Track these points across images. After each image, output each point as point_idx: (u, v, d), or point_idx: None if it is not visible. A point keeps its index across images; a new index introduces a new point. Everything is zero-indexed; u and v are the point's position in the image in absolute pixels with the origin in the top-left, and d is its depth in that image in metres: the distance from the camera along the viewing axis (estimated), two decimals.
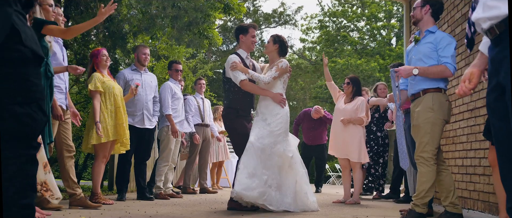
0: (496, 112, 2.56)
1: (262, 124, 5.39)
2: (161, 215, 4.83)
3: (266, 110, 5.47)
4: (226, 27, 31.05)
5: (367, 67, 25.92)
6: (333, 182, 19.19)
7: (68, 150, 5.41)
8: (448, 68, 4.38)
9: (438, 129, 4.43)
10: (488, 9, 2.55)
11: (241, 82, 5.40)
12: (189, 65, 15.58)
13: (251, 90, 5.50)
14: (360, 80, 7.52)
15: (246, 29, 5.75)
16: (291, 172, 5.43)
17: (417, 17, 4.71)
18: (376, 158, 8.51)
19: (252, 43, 5.78)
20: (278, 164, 5.30)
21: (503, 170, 2.63)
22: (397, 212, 5.41)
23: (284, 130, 5.42)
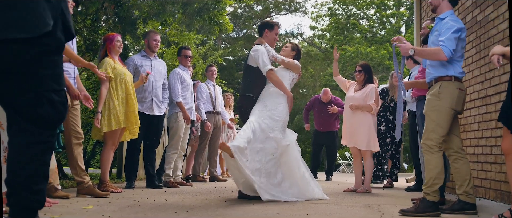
0: None
1: (262, 108, 5.54)
2: (170, 203, 4.80)
3: (269, 98, 5.62)
4: (236, 14, 30.96)
5: (377, 55, 25.84)
6: (343, 170, 19.16)
7: (77, 137, 5.32)
8: (443, 50, 4.25)
9: (445, 117, 4.34)
10: None
11: (268, 71, 5.60)
12: (199, 52, 15.53)
13: (274, 81, 5.64)
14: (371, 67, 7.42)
15: (272, 25, 6.02)
16: (285, 162, 5.44)
17: (434, 4, 4.60)
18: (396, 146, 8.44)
19: (275, 40, 6.01)
20: (272, 151, 5.33)
21: None
22: (409, 201, 5.36)
23: (283, 120, 5.53)
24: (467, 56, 6.49)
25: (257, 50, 5.71)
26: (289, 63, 5.81)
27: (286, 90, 5.66)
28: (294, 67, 5.83)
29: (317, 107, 10.61)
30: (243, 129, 5.37)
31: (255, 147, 5.24)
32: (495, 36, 5.68)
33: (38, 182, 2.66)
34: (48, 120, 2.63)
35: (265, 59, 5.64)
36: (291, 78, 5.80)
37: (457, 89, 4.37)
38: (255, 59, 5.68)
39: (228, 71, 27.93)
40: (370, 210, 4.54)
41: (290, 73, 5.80)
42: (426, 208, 4.26)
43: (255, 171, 5.16)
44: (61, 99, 2.68)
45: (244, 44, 31.11)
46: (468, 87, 6.42)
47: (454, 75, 4.39)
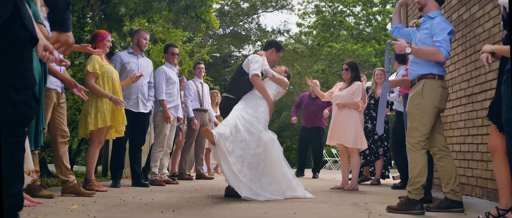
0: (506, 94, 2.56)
1: (245, 106, 5.65)
2: (156, 202, 4.76)
3: (251, 99, 5.74)
4: (223, 11, 30.89)
5: (363, 52, 25.97)
6: (329, 167, 19.19)
7: (63, 135, 5.25)
8: (441, 51, 4.28)
9: (427, 116, 4.35)
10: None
11: (254, 75, 5.71)
12: (185, 49, 15.45)
13: (258, 85, 5.75)
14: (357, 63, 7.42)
15: (280, 48, 6.20)
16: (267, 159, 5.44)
17: (421, 3, 4.63)
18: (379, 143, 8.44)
19: (274, 61, 6.17)
20: (254, 145, 5.35)
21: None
22: (396, 199, 5.36)
23: (265, 119, 5.63)
24: (453, 55, 6.51)
25: (253, 57, 5.90)
26: (279, 79, 5.96)
27: (268, 95, 5.76)
28: (282, 83, 5.99)
29: (305, 102, 10.65)
30: (227, 119, 5.44)
31: (239, 137, 5.28)
32: (481, 35, 5.70)
33: (13, 184, 2.60)
34: (10, 122, 2.52)
35: (257, 67, 5.78)
36: (277, 91, 5.95)
37: (440, 87, 4.39)
38: (249, 63, 5.82)
39: (214, 69, 27.86)
40: (357, 209, 4.53)
41: (276, 86, 5.95)
42: (410, 205, 4.29)
43: (237, 159, 5.18)
44: (23, 99, 2.58)
45: (230, 41, 31.07)
46: (454, 85, 6.45)
47: (437, 74, 4.40)
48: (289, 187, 5.53)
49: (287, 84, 6.05)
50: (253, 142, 5.36)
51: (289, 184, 5.55)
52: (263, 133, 5.47)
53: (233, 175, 5.12)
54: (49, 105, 5.04)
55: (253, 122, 5.45)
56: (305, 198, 5.44)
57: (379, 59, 25.64)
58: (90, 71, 5.85)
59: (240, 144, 5.27)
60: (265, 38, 33.10)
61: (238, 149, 5.24)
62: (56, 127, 5.21)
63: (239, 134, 5.28)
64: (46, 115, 5.01)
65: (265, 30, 34.37)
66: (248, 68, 5.82)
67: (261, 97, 5.74)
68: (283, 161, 5.64)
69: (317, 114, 10.34)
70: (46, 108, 4.96)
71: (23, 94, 2.58)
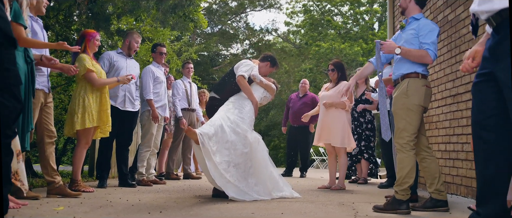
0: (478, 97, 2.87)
1: (230, 106, 5.70)
2: (144, 203, 4.75)
3: (235, 101, 5.77)
4: (211, 9, 30.83)
5: (351, 52, 26.10)
6: (317, 165, 19.24)
7: (49, 136, 5.21)
8: (429, 54, 4.34)
9: (414, 115, 4.39)
10: (483, 3, 2.77)
11: (239, 76, 5.83)
12: (173, 48, 15.41)
13: (243, 86, 5.84)
14: (344, 64, 7.44)
15: (276, 64, 6.28)
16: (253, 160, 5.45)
17: (403, 6, 4.69)
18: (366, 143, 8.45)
19: (265, 75, 6.20)
20: (240, 146, 5.36)
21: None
22: (383, 198, 5.40)
23: (250, 118, 5.68)
24: (439, 55, 6.56)
25: (245, 61, 6.06)
26: (267, 85, 6.01)
27: (252, 96, 5.82)
28: (270, 89, 6.04)
29: (293, 101, 10.70)
30: (212, 119, 5.45)
31: (224, 137, 5.28)
32: (465, 35, 5.76)
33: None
34: None
35: (245, 70, 5.90)
36: (264, 95, 6.01)
37: (424, 86, 4.43)
38: (239, 66, 5.95)
39: (202, 67, 27.78)
40: (344, 208, 4.56)
41: (264, 90, 6.00)
42: (396, 205, 4.32)
43: (223, 162, 5.17)
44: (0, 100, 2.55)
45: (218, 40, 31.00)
46: (440, 85, 6.50)
47: (421, 73, 4.44)
48: (276, 187, 5.55)
49: (274, 90, 6.09)
50: (240, 142, 5.37)
51: (275, 184, 5.57)
52: (249, 133, 5.49)
53: (219, 175, 5.11)
54: (36, 106, 4.99)
55: (238, 122, 5.47)
56: (292, 198, 5.46)
57: (367, 58, 25.77)
58: (91, 69, 5.84)
59: (225, 144, 5.27)
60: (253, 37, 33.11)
61: (224, 149, 5.24)
62: (43, 127, 5.16)
63: (225, 134, 5.29)
64: (34, 115, 4.96)
65: (253, 29, 34.36)
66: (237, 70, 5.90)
67: (246, 98, 5.79)
68: (268, 161, 5.66)
69: (304, 112, 10.35)
70: (33, 108, 4.90)
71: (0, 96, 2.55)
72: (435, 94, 6.59)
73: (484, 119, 2.87)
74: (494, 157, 2.83)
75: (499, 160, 2.82)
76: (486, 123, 2.87)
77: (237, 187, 5.15)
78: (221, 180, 5.11)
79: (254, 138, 5.53)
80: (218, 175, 5.11)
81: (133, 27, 11.56)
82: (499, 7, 2.68)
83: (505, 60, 2.62)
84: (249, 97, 5.80)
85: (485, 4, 2.78)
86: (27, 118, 4.61)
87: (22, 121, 4.52)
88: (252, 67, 6.03)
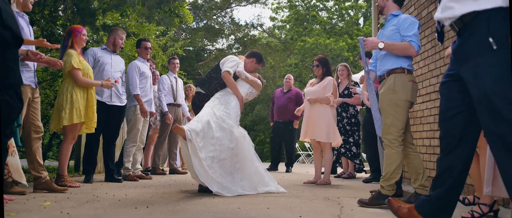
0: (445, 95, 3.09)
1: (217, 102, 5.74)
2: (130, 198, 4.76)
3: (221, 97, 5.81)
4: (196, 4, 30.75)
5: (336, 47, 26.18)
6: (302, 160, 19.32)
7: (37, 131, 5.19)
8: (412, 45, 4.40)
9: (401, 111, 4.44)
10: (445, 10, 2.95)
11: (225, 72, 5.87)
12: (159, 43, 15.38)
13: (228, 81, 5.88)
14: (329, 59, 7.51)
15: (262, 61, 6.31)
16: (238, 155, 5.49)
17: (381, 5, 4.77)
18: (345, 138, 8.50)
19: (251, 70, 6.24)
20: (226, 141, 5.40)
21: None
22: (368, 193, 5.45)
23: (236, 113, 5.73)
24: (423, 51, 6.64)
25: (231, 57, 6.12)
26: (252, 81, 6.07)
27: (238, 91, 5.87)
28: (255, 85, 6.11)
29: (277, 96, 10.76)
30: (199, 115, 5.47)
31: (210, 134, 5.30)
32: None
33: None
34: None
35: (231, 65, 5.96)
36: (249, 91, 6.07)
37: (410, 81, 4.48)
38: (225, 61, 6.00)
39: (188, 62, 27.69)
40: (330, 203, 4.60)
41: (249, 86, 6.07)
42: (381, 200, 4.37)
43: (208, 158, 5.19)
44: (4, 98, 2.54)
45: (204, 35, 30.93)
46: (424, 80, 6.57)
47: (406, 68, 4.49)
48: (261, 182, 5.59)
49: (260, 86, 6.15)
50: (226, 137, 5.40)
51: (261, 179, 5.61)
52: (235, 128, 5.53)
53: (203, 171, 5.13)
54: (23, 101, 4.98)
55: (224, 118, 5.51)
56: (278, 193, 5.50)
57: (351, 53, 25.91)
58: (76, 67, 5.82)
59: (211, 140, 5.29)
60: (239, 32, 33.06)
61: (210, 145, 5.26)
62: (30, 122, 5.14)
63: (211, 130, 5.31)
64: (22, 111, 4.96)
65: (239, 24, 34.34)
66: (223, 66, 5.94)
67: (232, 94, 5.84)
68: (254, 155, 5.71)
69: (288, 107, 10.41)
70: None
71: (5, 94, 2.57)
72: (420, 90, 6.66)
73: (450, 116, 3.05)
74: (454, 151, 3.03)
75: (458, 154, 3.03)
76: (451, 120, 3.05)
77: (220, 183, 5.18)
78: (205, 176, 5.14)
79: (240, 133, 5.57)
80: (202, 171, 5.13)
81: (118, 23, 11.53)
82: (460, 13, 2.83)
83: (468, 61, 2.81)
84: (235, 93, 5.85)
85: (447, 10, 2.93)
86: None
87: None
88: (238, 63, 6.07)
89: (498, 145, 2.70)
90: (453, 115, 3.03)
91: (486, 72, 2.71)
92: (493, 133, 2.71)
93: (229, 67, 5.90)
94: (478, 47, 2.75)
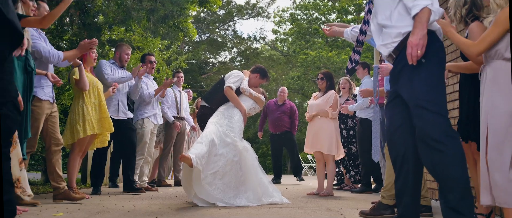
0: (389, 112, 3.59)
1: (221, 116, 5.85)
2: (139, 209, 4.89)
3: (224, 111, 5.93)
4: (199, 18, 30.98)
5: (338, 60, 26.33)
6: (305, 172, 19.40)
7: (56, 144, 5.46)
8: None
9: None
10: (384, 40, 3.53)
11: (227, 87, 6.00)
12: (163, 57, 15.54)
13: (230, 97, 6.02)
14: (332, 72, 7.67)
15: (266, 76, 6.40)
16: (242, 168, 5.59)
17: None
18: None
19: (254, 86, 6.33)
20: (230, 156, 5.50)
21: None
22: (369, 204, 5.56)
23: (239, 127, 5.84)
24: None
25: (236, 73, 6.22)
26: (256, 97, 6.18)
27: (240, 105, 5.99)
28: (259, 101, 6.22)
29: (270, 109, 10.80)
30: (202, 135, 5.55)
31: (213, 152, 5.41)
32: (449, 46, 5.95)
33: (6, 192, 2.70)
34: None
35: (234, 81, 6.09)
36: (252, 106, 6.18)
37: None
38: (229, 76, 6.11)
39: (191, 75, 27.90)
40: (332, 214, 4.71)
41: (253, 102, 6.18)
42: (382, 210, 4.47)
43: (209, 176, 5.30)
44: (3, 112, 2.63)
45: (206, 48, 31.15)
46: None
47: None
48: (266, 193, 5.69)
49: (263, 102, 6.30)
50: (230, 152, 5.52)
51: (265, 190, 5.71)
52: (238, 142, 5.64)
53: (203, 190, 5.25)
54: (41, 116, 5.24)
55: (228, 133, 5.62)
56: (282, 204, 5.60)
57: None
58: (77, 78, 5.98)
59: (214, 158, 5.40)
60: (241, 45, 33.28)
61: (212, 163, 5.37)
62: (50, 135, 5.42)
63: (215, 147, 5.42)
64: (39, 125, 5.21)
65: (241, 37, 34.58)
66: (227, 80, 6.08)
67: (235, 107, 5.96)
68: (258, 167, 5.81)
69: (283, 119, 10.47)
70: (38, 118, 5.19)
71: (4, 108, 2.68)
72: None
73: (394, 130, 3.51)
74: (403, 163, 3.48)
75: (407, 166, 3.45)
76: (395, 133, 3.50)
77: (221, 199, 5.29)
78: (205, 192, 5.25)
79: (243, 146, 5.68)
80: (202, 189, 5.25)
81: (123, 37, 11.70)
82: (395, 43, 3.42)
83: (404, 76, 3.35)
84: (237, 107, 5.98)
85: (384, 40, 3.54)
86: (25, 127, 4.76)
87: (20, 130, 4.65)
88: (242, 79, 6.19)
89: (423, 138, 3.21)
90: (396, 129, 3.50)
91: (418, 81, 3.25)
92: (421, 129, 3.22)
93: (232, 83, 6.03)
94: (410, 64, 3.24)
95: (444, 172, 3.15)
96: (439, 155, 3.15)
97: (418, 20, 3.21)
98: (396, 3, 3.46)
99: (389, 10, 3.50)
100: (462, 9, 4.00)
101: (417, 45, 3.17)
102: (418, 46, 3.17)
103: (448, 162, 3.13)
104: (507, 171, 3.19)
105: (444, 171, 3.15)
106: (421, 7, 3.21)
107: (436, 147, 3.15)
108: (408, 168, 3.45)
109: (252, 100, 6.18)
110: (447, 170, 3.13)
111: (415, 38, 3.19)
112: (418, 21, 3.21)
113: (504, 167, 3.21)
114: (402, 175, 3.48)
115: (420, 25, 3.20)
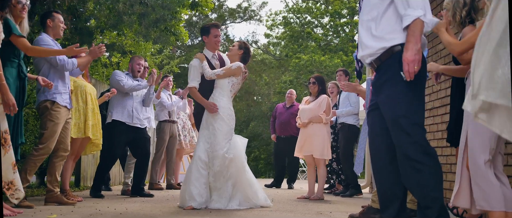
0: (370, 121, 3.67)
1: (203, 129, 5.68)
2: (131, 212, 4.94)
3: (204, 122, 5.70)
4: (191, 22, 31.02)
5: (331, 64, 26.35)
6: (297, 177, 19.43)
7: (65, 149, 5.57)
8: None
9: None
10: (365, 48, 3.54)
11: (191, 88, 5.80)
12: (155, 61, 15.58)
13: (194, 96, 5.80)
14: (324, 76, 7.74)
15: (208, 29, 6.07)
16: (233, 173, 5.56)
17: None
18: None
19: (216, 43, 6.04)
20: (220, 169, 5.49)
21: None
22: (360, 208, 5.62)
23: (223, 134, 5.55)
24: None
25: (190, 65, 5.93)
26: (226, 72, 5.67)
27: (204, 102, 5.63)
28: (233, 72, 5.68)
29: (279, 112, 10.76)
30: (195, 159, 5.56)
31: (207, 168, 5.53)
32: (442, 51, 6.00)
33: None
34: None
35: (192, 77, 5.77)
36: (231, 84, 5.68)
37: None
38: (188, 75, 5.87)
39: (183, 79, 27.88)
40: (322, 217, 4.78)
41: (229, 80, 5.67)
42: (371, 214, 4.50)
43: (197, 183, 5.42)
44: None
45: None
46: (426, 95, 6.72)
47: None
48: (256, 194, 5.68)
49: (238, 68, 5.70)
50: (219, 166, 5.48)
51: (254, 190, 5.69)
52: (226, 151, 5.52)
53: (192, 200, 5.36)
54: (60, 120, 5.37)
55: (212, 143, 5.54)
56: (272, 208, 5.61)
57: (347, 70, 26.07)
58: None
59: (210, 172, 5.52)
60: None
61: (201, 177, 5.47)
62: (60, 140, 5.49)
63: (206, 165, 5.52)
64: (57, 129, 5.32)
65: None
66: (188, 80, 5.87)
67: (211, 115, 5.61)
68: (246, 167, 5.75)
69: (291, 122, 10.42)
70: (58, 123, 5.32)
71: None
72: None
73: (374, 138, 3.61)
74: (383, 170, 3.55)
75: (387, 172, 3.52)
76: (376, 142, 3.60)
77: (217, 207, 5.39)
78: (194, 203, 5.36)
79: (233, 153, 5.57)
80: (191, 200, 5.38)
81: (115, 42, 11.73)
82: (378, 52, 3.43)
83: (384, 91, 3.41)
84: (203, 104, 5.68)
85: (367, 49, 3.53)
86: (17, 132, 4.81)
87: (12, 135, 4.67)
88: (199, 67, 5.77)
89: (402, 158, 3.30)
90: (375, 137, 3.59)
91: (397, 99, 3.32)
92: (399, 147, 3.32)
93: (195, 82, 5.75)
94: (391, 80, 3.34)
95: (423, 191, 3.25)
96: (418, 175, 3.24)
97: (411, 34, 3.22)
98: (386, 6, 3.43)
99: (376, 11, 3.47)
100: (462, 11, 3.92)
101: (413, 61, 3.18)
102: (414, 62, 3.18)
103: (426, 183, 3.23)
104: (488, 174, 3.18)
105: (424, 191, 3.24)
106: (413, 18, 3.21)
107: (415, 167, 3.24)
108: (390, 170, 3.51)
109: (226, 79, 5.68)
110: (426, 189, 3.23)
111: (410, 54, 3.19)
112: (411, 35, 3.22)
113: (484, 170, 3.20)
114: (383, 178, 3.57)
115: (413, 39, 3.20)
